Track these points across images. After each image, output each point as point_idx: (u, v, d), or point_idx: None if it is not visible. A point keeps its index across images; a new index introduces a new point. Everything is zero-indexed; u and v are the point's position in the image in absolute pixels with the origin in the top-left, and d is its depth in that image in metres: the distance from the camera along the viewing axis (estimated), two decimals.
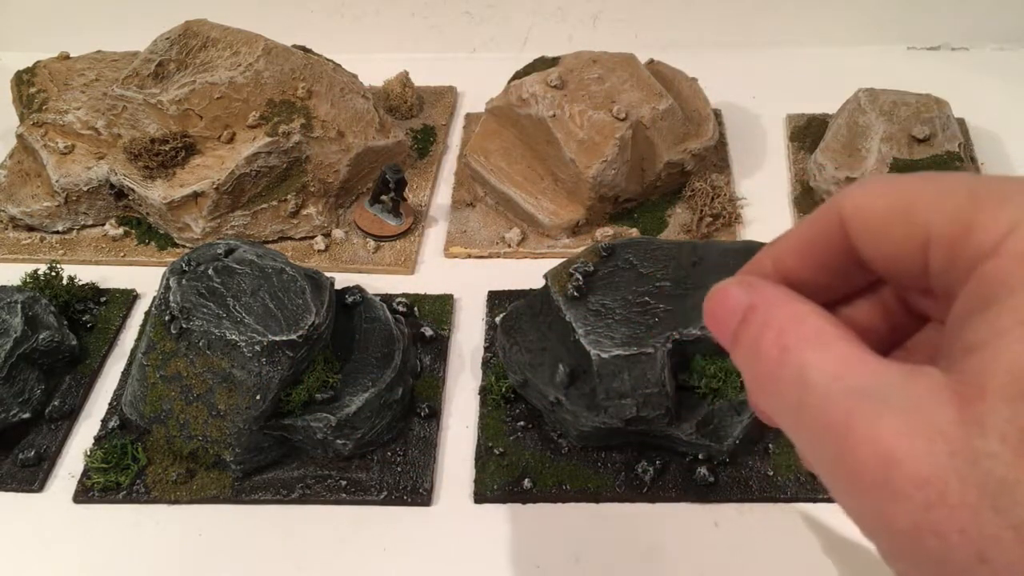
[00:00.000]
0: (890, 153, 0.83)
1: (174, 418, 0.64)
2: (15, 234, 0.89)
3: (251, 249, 0.68)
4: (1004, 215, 0.25)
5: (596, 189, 0.83)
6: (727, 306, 0.28)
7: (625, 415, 0.60)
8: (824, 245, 0.29)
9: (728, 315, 0.28)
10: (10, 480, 0.67)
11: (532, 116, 0.85)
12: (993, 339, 0.23)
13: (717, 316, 0.29)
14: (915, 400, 0.23)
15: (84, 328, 0.78)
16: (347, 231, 0.87)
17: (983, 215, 0.26)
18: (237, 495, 0.65)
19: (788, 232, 0.30)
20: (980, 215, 0.26)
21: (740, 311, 0.28)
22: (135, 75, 0.86)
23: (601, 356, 0.59)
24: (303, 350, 0.62)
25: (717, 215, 0.85)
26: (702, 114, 0.90)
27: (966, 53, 1.10)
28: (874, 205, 0.27)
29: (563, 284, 0.64)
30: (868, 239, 0.28)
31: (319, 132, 0.86)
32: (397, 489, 0.65)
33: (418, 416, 0.69)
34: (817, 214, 0.29)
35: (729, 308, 0.28)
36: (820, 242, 0.29)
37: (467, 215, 0.89)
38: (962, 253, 0.25)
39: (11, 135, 0.93)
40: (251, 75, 0.85)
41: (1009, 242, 0.25)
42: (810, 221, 0.29)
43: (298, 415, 0.63)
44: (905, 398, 0.23)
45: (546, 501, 0.65)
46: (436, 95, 1.05)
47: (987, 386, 0.22)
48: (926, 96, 0.88)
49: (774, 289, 0.28)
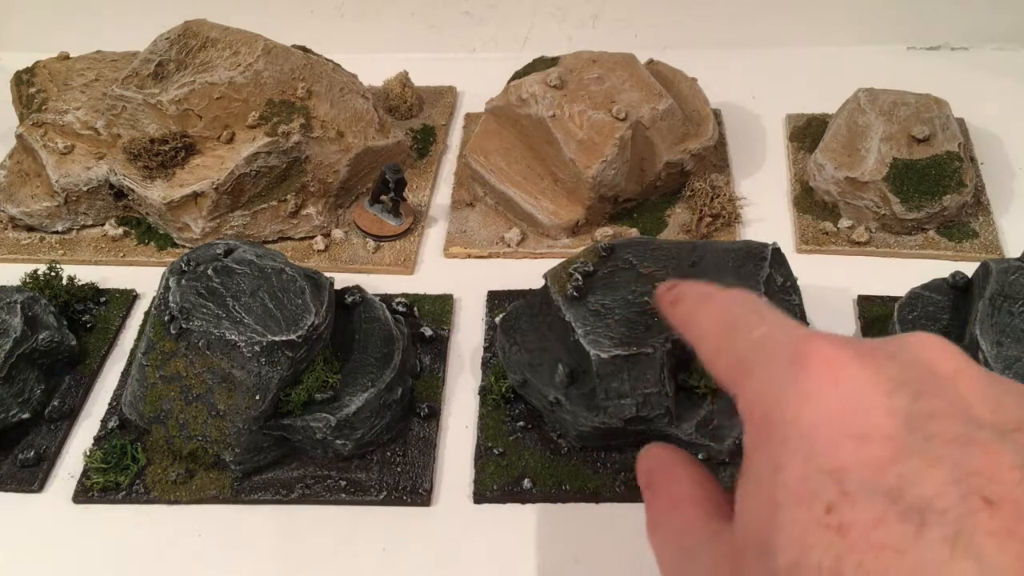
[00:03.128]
0: (890, 153, 0.83)
1: (173, 418, 0.64)
2: (15, 234, 0.89)
3: (250, 249, 0.68)
4: (749, 385, 0.32)
5: (596, 189, 0.83)
6: (639, 465, 0.39)
7: (625, 415, 0.60)
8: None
9: (641, 470, 0.39)
10: (10, 480, 0.67)
11: (532, 116, 0.85)
12: (742, 502, 0.30)
13: (639, 471, 0.39)
14: (712, 560, 0.31)
15: (84, 328, 0.78)
16: (347, 231, 0.87)
17: (743, 382, 0.33)
18: (237, 495, 0.65)
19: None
20: (742, 382, 0.33)
21: (646, 473, 0.38)
22: (135, 75, 0.86)
23: (600, 356, 0.59)
24: (303, 350, 0.62)
25: (717, 215, 0.85)
26: (702, 114, 0.90)
27: (966, 53, 1.10)
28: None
29: (563, 284, 0.64)
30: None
31: (319, 132, 0.86)
32: (397, 489, 0.65)
33: (418, 416, 0.69)
34: None
35: (641, 467, 0.39)
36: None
37: (467, 215, 0.89)
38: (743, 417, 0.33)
39: (11, 135, 0.93)
40: (251, 75, 0.85)
41: (751, 410, 0.32)
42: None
43: (298, 415, 0.63)
44: (707, 558, 0.32)
45: (546, 501, 0.65)
46: (436, 95, 1.05)
47: (746, 548, 0.28)
48: (926, 96, 0.88)
49: (670, 458, 0.38)
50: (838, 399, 0.28)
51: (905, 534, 0.24)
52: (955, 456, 0.26)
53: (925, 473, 0.25)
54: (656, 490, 0.37)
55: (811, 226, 0.85)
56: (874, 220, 0.84)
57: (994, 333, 0.62)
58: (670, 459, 0.38)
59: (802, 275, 0.69)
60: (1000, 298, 0.64)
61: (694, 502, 0.35)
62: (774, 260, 0.66)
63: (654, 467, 0.38)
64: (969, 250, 0.82)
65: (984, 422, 0.27)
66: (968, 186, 0.82)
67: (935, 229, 0.84)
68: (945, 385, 0.28)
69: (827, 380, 0.28)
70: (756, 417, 0.31)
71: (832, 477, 0.26)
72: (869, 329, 0.75)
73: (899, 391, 0.28)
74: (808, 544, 0.26)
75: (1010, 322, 0.62)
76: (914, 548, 0.24)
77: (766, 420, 0.30)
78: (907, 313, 0.69)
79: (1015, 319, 0.63)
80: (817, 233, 0.85)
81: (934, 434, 0.26)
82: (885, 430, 0.27)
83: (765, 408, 0.30)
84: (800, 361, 0.29)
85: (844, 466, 0.26)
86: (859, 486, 0.26)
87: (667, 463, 0.37)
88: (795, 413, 0.28)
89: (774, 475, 0.28)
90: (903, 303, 0.70)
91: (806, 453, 0.27)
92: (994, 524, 0.24)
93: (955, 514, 0.24)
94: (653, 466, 0.38)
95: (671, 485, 0.36)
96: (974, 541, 0.24)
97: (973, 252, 0.82)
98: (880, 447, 0.26)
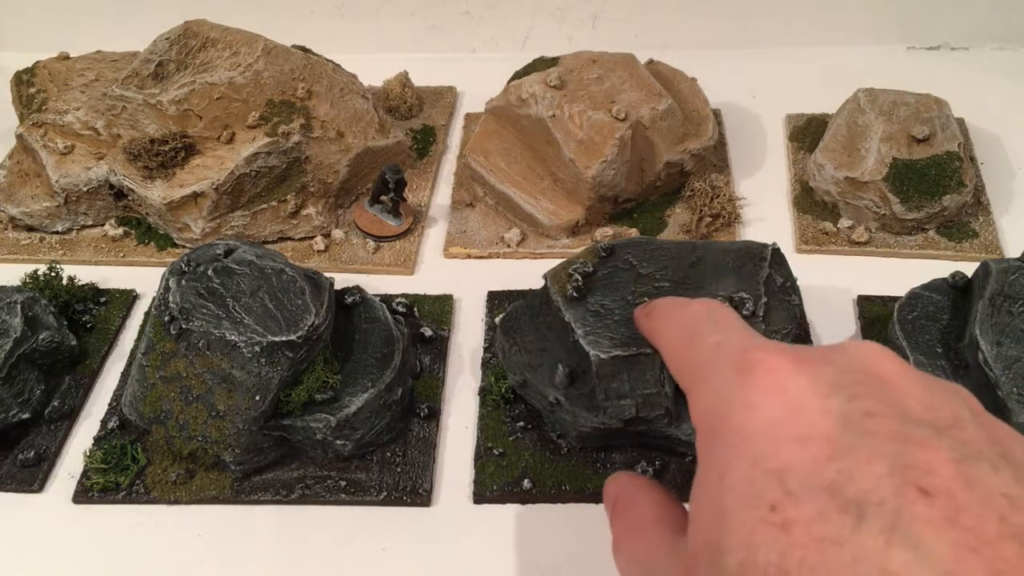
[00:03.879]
0: (890, 153, 0.83)
1: (173, 418, 0.64)
2: (15, 234, 0.89)
3: (250, 249, 0.68)
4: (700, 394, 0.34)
5: (596, 189, 0.83)
6: (605, 492, 0.41)
7: (624, 415, 0.60)
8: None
9: (607, 496, 0.41)
10: (10, 480, 0.67)
11: (532, 116, 0.85)
12: (693, 509, 0.31)
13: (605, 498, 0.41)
14: (669, 572, 0.33)
15: (84, 328, 0.78)
16: (347, 231, 0.87)
17: (695, 390, 0.34)
18: (237, 495, 0.65)
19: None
20: (694, 389, 0.35)
21: (612, 499, 0.40)
22: (135, 75, 0.86)
23: (600, 356, 0.59)
24: (303, 351, 0.62)
25: (717, 215, 0.85)
26: (702, 114, 0.90)
27: (966, 53, 1.10)
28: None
29: (562, 284, 0.64)
30: None
31: (319, 132, 0.86)
32: (397, 489, 0.65)
33: (418, 416, 0.69)
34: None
35: (607, 493, 0.41)
36: None
37: (467, 215, 0.89)
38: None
39: (11, 135, 0.93)
40: (251, 75, 0.85)
41: (701, 418, 0.33)
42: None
43: (298, 416, 0.63)
44: (665, 571, 0.33)
45: (546, 501, 0.65)
46: (436, 95, 1.05)
47: (698, 553, 0.29)
48: (926, 96, 0.88)
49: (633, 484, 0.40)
50: (780, 405, 0.29)
51: (844, 526, 0.25)
52: (892, 451, 0.26)
53: (863, 468, 0.26)
54: (619, 513, 0.39)
55: (811, 226, 0.85)
56: (874, 220, 0.84)
57: (994, 333, 0.62)
58: (633, 485, 0.40)
59: (802, 275, 0.69)
60: (1000, 298, 0.64)
61: (654, 523, 0.37)
62: (774, 260, 0.66)
63: (619, 493, 0.40)
64: (969, 250, 0.82)
65: (920, 419, 0.28)
66: (968, 186, 0.82)
67: (935, 229, 0.84)
68: (881, 386, 0.30)
69: (770, 388, 0.30)
70: (705, 425, 0.32)
71: (775, 477, 0.27)
72: (869, 329, 0.75)
73: (836, 393, 0.29)
74: (755, 543, 0.26)
75: (1010, 322, 0.62)
76: (853, 539, 0.25)
77: (714, 428, 0.31)
78: (907, 313, 0.69)
79: (1015, 319, 0.63)
80: (817, 233, 0.85)
81: (871, 432, 0.27)
82: (824, 430, 0.28)
83: (714, 416, 0.32)
84: (745, 370, 0.31)
85: (786, 466, 0.27)
86: (801, 484, 0.27)
87: (630, 489, 0.40)
88: (740, 420, 0.30)
89: (721, 480, 0.29)
90: (903, 303, 0.70)
91: (751, 457, 0.29)
92: (931, 514, 0.25)
93: (892, 505, 0.25)
94: (618, 492, 0.40)
95: (633, 509, 0.38)
96: (911, 531, 0.24)
97: (973, 252, 0.82)
98: (819, 446, 0.27)
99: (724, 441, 0.30)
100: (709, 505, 0.29)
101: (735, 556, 0.27)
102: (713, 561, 0.28)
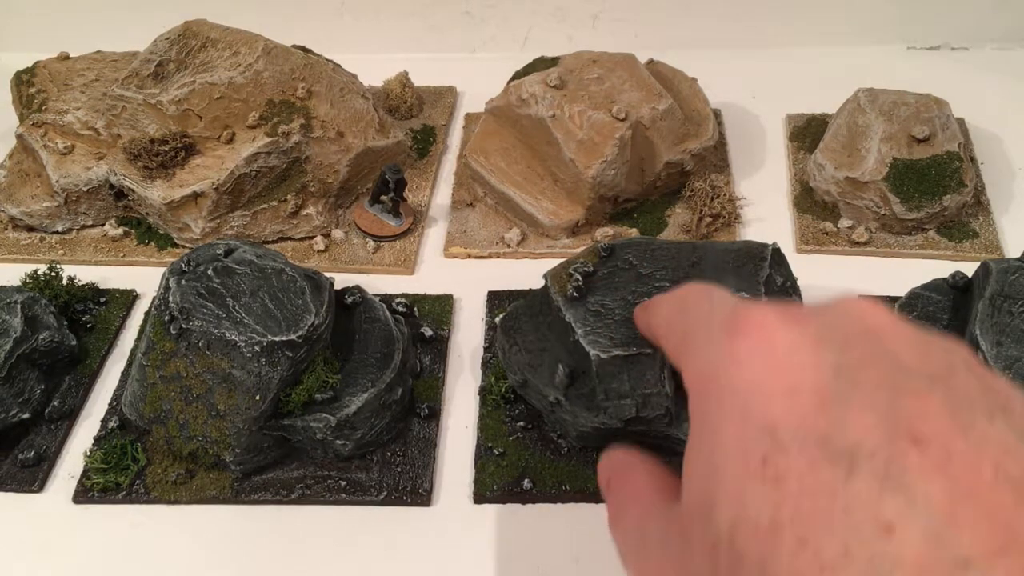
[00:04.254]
0: (890, 153, 0.83)
1: (174, 418, 0.64)
2: (15, 234, 0.89)
3: (251, 249, 0.68)
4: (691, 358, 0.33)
5: (596, 189, 0.83)
6: (599, 471, 0.41)
7: (624, 415, 0.60)
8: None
9: (602, 475, 0.41)
10: (10, 480, 0.67)
11: (532, 116, 0.85)
12: (687, 471, 0.31)
13: (599, 477, 0.41)
14: (664, 538, 0.32)
15: (84, 328, 0.78)
16: (347, 231, 0.87)
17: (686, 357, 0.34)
18: (237, 495, 0.65)
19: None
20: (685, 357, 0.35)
21: (605, 477, 0.40)
22: (135, 75, 0.86)
23: (600, 356, 0.59)
24: (303, 350, 0.62)
25: (717, 215, 0.85)
26: (702, 114, 0.90)
27: (966, 53, 1.10)
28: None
29: (563, 284, 0.64)
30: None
31: (319, 132, 0.86)
32: (397, 489, 0.65)
33: (418, 416, 0.69)
34: None
35: (602, 470, 0.41)
36: None
37: (467, 215, 0.89)
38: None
39: (11, 135, 0.93)
40: (251, 75, 0.85)
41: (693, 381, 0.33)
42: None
43: (298, 415, 0.63)
44: (661, 536, 0.33)
45: (546, 501, 0.65)
46: (436, 95, 1.05)
47: (692, 514, 0.29)
48: (926, 96, 0.88)
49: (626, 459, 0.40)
50: (769, 359, 0.29)
51: (836, 476, 0.25)
52: (883, 400, 0.26)
53: (854, 418, 0.26)
54: (614, 488, 0.39)
55: (811, 226, 0.85)
56: (874, 220, 0.84)
57: (994, 333, 0.62)
58: (626, 460, 0.40)
59: (802, 275, 0.69)
60: (1000, 298, 0.64)
61: (649, 491, 0.36)
62: (774, 260, 0.66)
63: (613, 469, 0.40)
64: (969, 250, 0.82)
65: (913, 370, 0.27)
66: (968, 186, 0.82)
67: (935, 229, 0.84)
68: (872, 338, 0.29)
69: (758, 344, 0.30)
70: (696, 387, 0.32)
71: (766, 431, 0.27)
72: None
73: (825, 345, 0.29)
74: (747, 499, 0.26)
75: (1010, 322, 0.62)
76: (845, 489, 0.24)
77: (704, 389, 0.31)
78: (907, 313, 0.69)
79: (1015, 319, 0.63)
80: (817, 233, 0.85)
81: (861, 382, 0.27)
82: (813, 382, 0.27)
83: (704, 377, 0.31)
84: (733, 329, 0.31)
85: (776, 420, 0.27)
86: (791, 437, 0.26)
87: (623, 464, 0.39)
88: (729, 378, 0.29)
89: (712, 438, 0.29)
90: (903, 303, 0.70)
91: (741, 413, 0.28)
92: (923, 462, 0.24)
93: (884, 454, 0.25)
94: (612, 468, 0.40)
95: (628, 482, 0.38)
96: (904, 479, 0.24)
97: (973, 252, 0.82)
98: (809, 398, 0.27)
99: (714, 399, 0.30)
100: (701, 464, 0.29)
101: (728, 513, 0.27)
102: (707, 519, 0.28)
